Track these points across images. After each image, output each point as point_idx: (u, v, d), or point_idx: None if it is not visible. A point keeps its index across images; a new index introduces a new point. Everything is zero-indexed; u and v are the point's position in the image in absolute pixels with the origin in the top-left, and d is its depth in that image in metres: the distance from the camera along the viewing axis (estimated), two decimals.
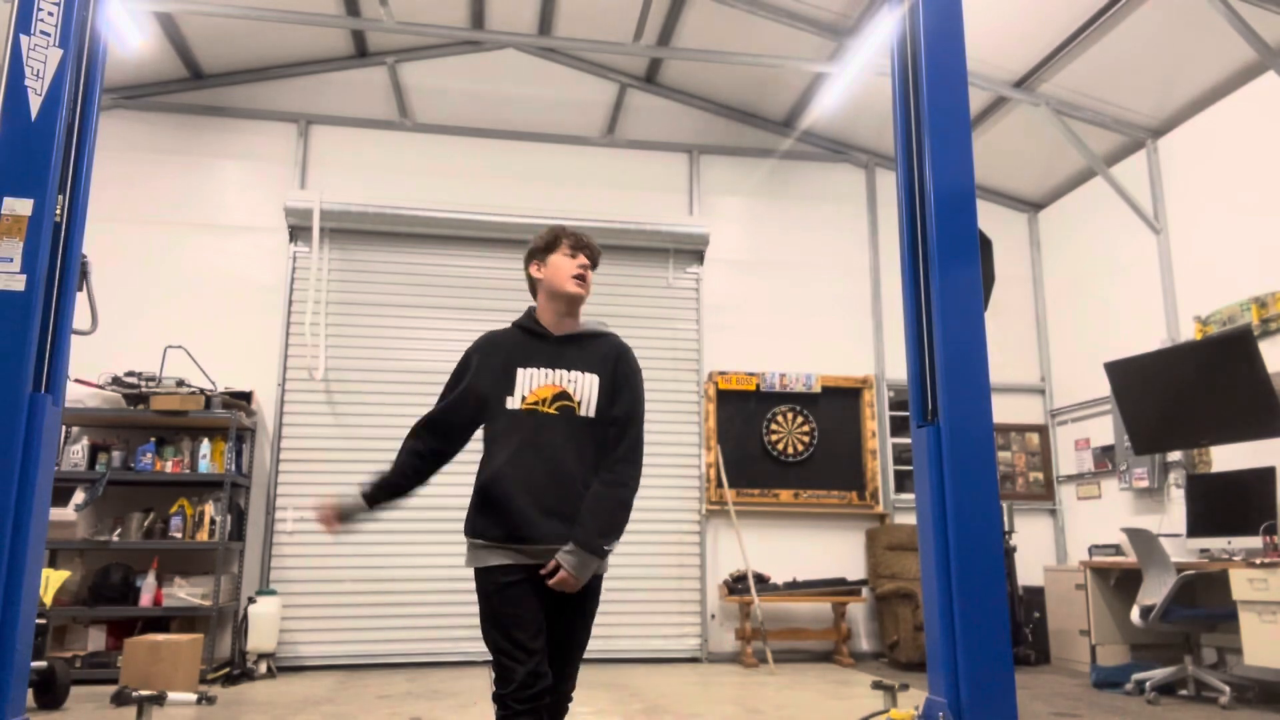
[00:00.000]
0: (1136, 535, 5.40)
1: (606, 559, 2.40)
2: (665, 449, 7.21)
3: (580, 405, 2.41)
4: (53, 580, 5.58)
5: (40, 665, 4.75)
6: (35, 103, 2.62)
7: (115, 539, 5.99)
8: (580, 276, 2.49)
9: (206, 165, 7.16)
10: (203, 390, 6.28)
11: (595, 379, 2.45)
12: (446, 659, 6.58)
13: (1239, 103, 5.97)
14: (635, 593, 6.95)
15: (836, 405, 7.60)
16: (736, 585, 6.84)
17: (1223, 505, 5.54)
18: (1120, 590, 6.00)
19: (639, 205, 7.58)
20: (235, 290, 6.93)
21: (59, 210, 2.66)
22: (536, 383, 2.41)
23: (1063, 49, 6.15)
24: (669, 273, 7.58)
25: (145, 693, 4.17)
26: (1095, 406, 7.23)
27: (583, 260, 2.52)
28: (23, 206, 2.57)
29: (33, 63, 2.64)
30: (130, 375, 6.24)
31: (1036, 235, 8.14)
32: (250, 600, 6.16)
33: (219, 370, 6.50)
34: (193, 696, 4.95)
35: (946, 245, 2.75)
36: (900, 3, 3.04)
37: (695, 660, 6.95)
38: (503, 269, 7.20)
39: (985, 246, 2.92)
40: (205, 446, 6.20)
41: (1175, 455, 6.34)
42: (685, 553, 7.16)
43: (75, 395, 5.98)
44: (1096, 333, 7.24)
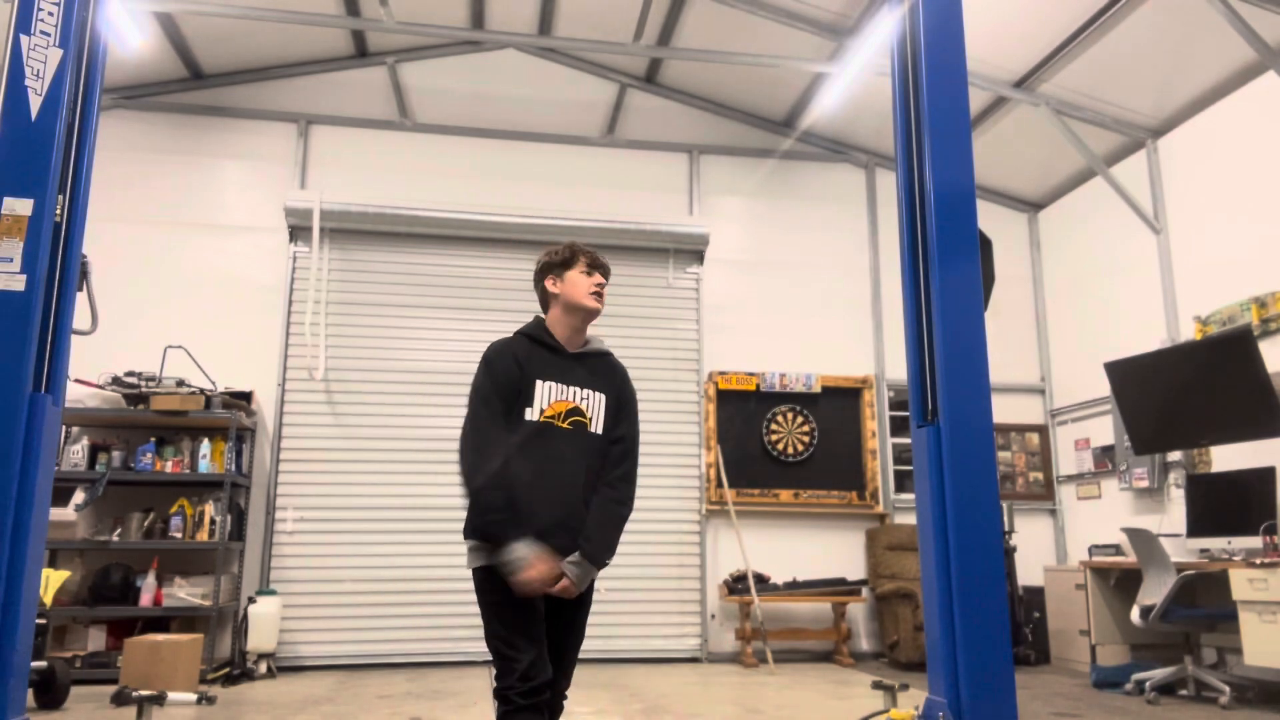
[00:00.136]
0: (1136, 535, 5.40)
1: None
2: (665, 449, 7.21)
3: (591, 422, 2.52)
4: (53, 580, 5.58)
5: (40, 665, 4.75)
6: (35, 103, 2.62)
7: (115, 539, 5.99)
8: (597, 293, 2.59)
9: (206, 165, 7.16)
10: (203, 390, 6.28)
11: (604, 398, 2.57)
12: (446, 659, 6.58)
13: (1239, 103, 5.97)
14: (635, 593, 6.95)
15: (836, 405, 7.60)
16: (736, 585, 6.84)
17: (1223, 505, 5.54)
18: (1120, 590, 6.00)
19: (639, 205, 7.58)
20: (235, 290, 6.93)
21: (59, 210, 2.67)
22: (554, 396, 2.48)
23: (1063, 49, 6.15)
24: (669, 273, 7.58)
25: (145, 693, 4.17)
26: (1095, 406, 7.23)
27: (599, 279, 2.61)
28: (23, 206, 2.57)
29: (33, 63, 2.64)
30: (130, 375, 6.24)
31: (1036, 235, 8.14)
32: (250, 600, 6.16)
33: (219, 370, 6.50)
34: (193, 696, 4.95)
35: (946, 245, 2.75)
36: (900, 3, 3.05)
37: (695, 660, 6.95)
38: (503, 269, 7.20)
39: (985, 246, 2.92)
40: (205, 446, 6.20)
41: (1175, 455, 6.34)
42: (685, 553, 7.16)
43: (75, 395, 5.98)
44: (1096, 333, 7.24)
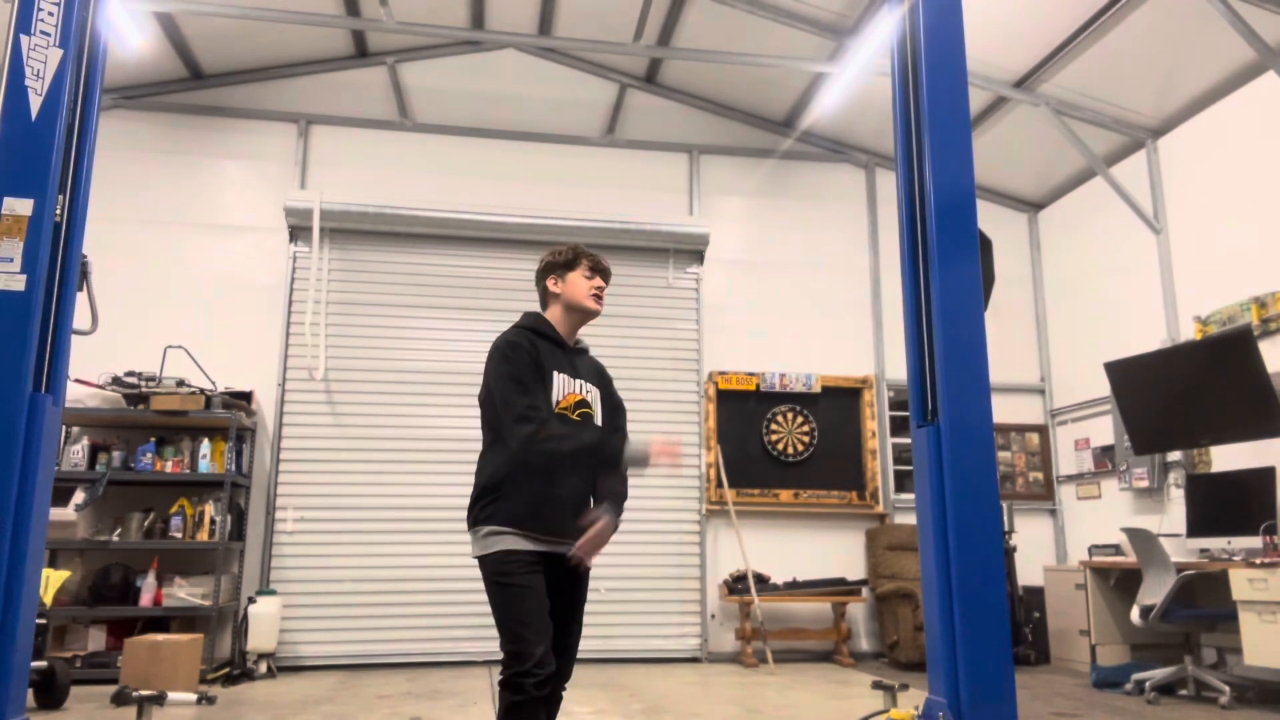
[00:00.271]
0: (1136, 535, 5.40)
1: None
2: None
3: (594, 415, 2.62)
4: (53, 580, 5.58)
5: (40, 665, 4.75)
6: (35, 103, 2.62)
7: (115, 539, 5.99)
8: (597, 295, 2.68)
9: (206, 165, 7.16)
10: (203, 390, 6.28)
11: (599, 392, 2.68)
12: (446, 659, 6.58)
13: (1239, 103, 5.97)
14: (635, 593, 6.96)
15: (836, 405, 7.60)
16: (736, 585, 6.84)
17: (1223, 505, 5.54)
18: (1120, 590, 6.00)
19: (639, 205, 7.58)
20: (235, 290, 6.93)
21: (59, 210, 2.67)
22: (566, 389, 2.57)
23: (1063, 49, 6.15)
24: (669, 273, 7.58)
25: (145, 693, 4.17)
26: (1095, 406, 7.23)
27: (599, 282, 2.69)
28: (23, 206, 2.57)
29: (33, 63, 2.64)
30: (130, 375, 6.24)
31: (1036, 235, 8.14)
32: (250, 600, 6.16)
33: (219, 370, 6.50)
34: (193, 696, 4.95)
35: (946, 245, 2.75)
36: (900, 3, 3.05)
37: (695, 660, 6.95)
38: (503, 269, 7.20)
39: (985, 246, 2.92)
40: (205, 446, 6.20)
41: (1175, 455, 6.33)
42: (685, 553, 7.16)
43: (75, 395, 5.98)
44: (1096, 333, 7.24)
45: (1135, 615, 5.39)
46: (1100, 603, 6.02)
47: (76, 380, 5.90)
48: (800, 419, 7.49)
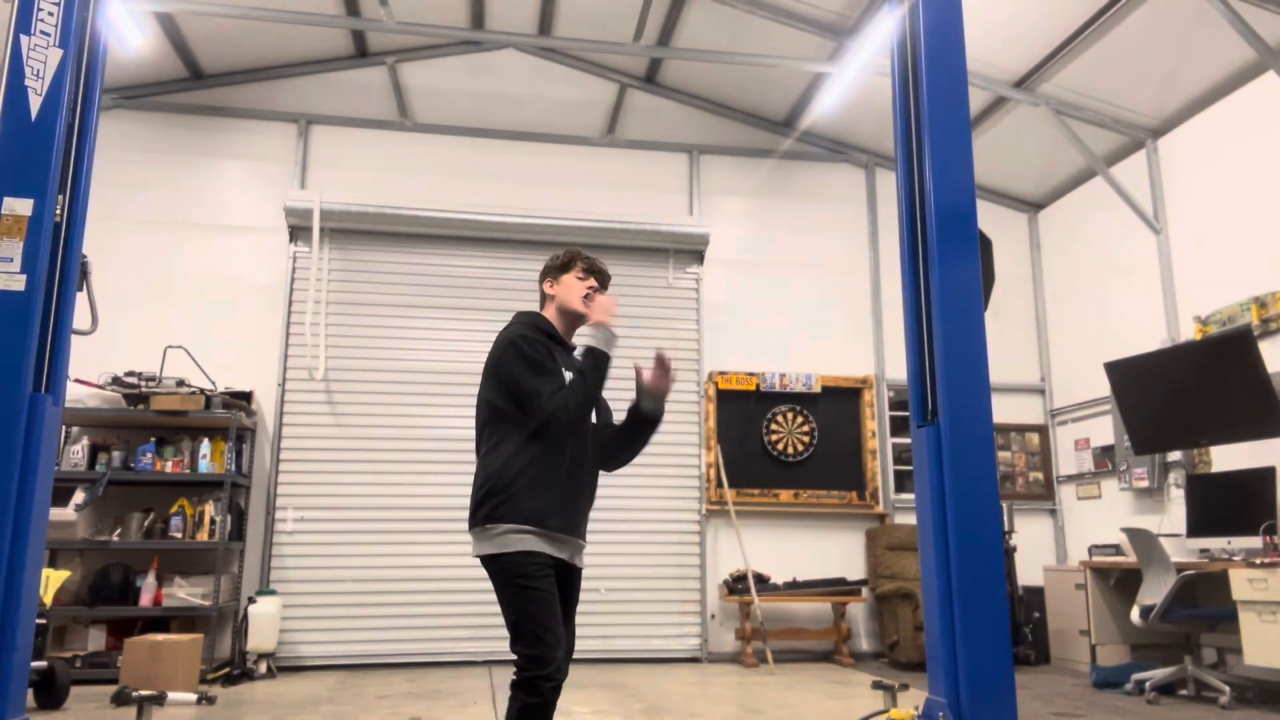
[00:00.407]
0: (1136, 535, 5.40)
1: (582, 556, 2.64)
2: (665, 449, 7.20)
3: (592, 413, 2.65)
4: (53, 580, 5.58)
5: (40, 665, 4.75)
6: (35, 103, 2.62)
7: (115, 539, 5.99)
8: (589, 297, 2.69)
9: (206, 165, 7.16)
10: (203, 390, 6.28)
11: None
12: (446, 659, 6.58)
13: (1239, 103, 5.97)
14: (635, 593, 6.95)
15: (836, 405, 7.59)
16: (736, 585, 6.84)
17: (1223, 505, 5.54)
18: (1120, 590, 6.00)
19: (639, 205, 7.58)
20: (235, 290, 6.93)
21: (59, 210, 2.67)
22: None
23: (1063, 49, 6.15)
24: (669, 273, 7.58)
25: (145, 693, 4.17)
26: (1095, 406, 7.23)
27: (593, 283, 2.70)
28: (23, 206, 2.57)
29: (33, 63, 2.64)
30: (130, 375, 6.24)
31: (1036, 235, 8.14)
32: (250, 600, 6.16)
33: (219, 370, 6.50)
34: (193, 696, 4.95)
35: (946, 245, 2.75)
36: (900, 3, 3.05)
37: (695, 660, 6.95)
38: (503, 269, 7.20)
39: (985, 246, 2.93)
40: (205, 446, 6.20)
41: (1175, 455, 6.33)
42: (685, 553, 7.16)
43: (75, 395, 5.98)
44: (1096, 333, 7.24)
45: (1135, 615, 5.39)
46: (1100, 603, 6.02)
47: (76, 380, 5.90)
48: (800, 419, 7.49)
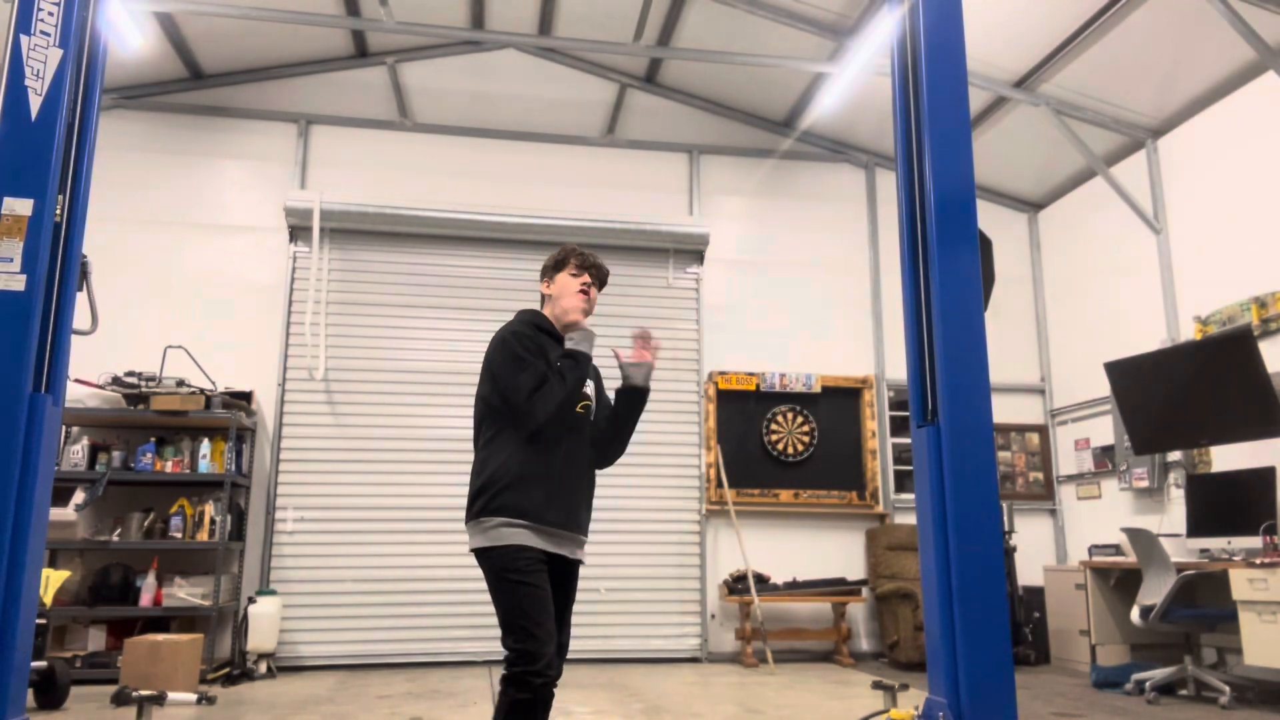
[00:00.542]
0: (1136, 535, 5.40)
1: (583, 550, 2.65)
2: (665, 449, 7.21)
3: (592, 409, 2.69)
4: (53, 580, 5.58)
5: (40, 665, 4.75)
6: (35, 103, 2.62)
7: (115, 539, 5.99)
8: (584, 292, 2.70)
9: (206, 165, 7.16)
10: (203, 390, 6.28)
11: (593, 385, 2.73)
12: (446, 659, 6.58)
13: (1239, 103, 5.97)
14: (635, 593, 6.95)
15: (836, 405, 7.59)
16: (736, 585, 6.84)
17: (1223, 505, 5.54)
18: (1120, 590, 6.00)
19: (639, 205, 7.58)
20: (235, 290, 6.93)
21: (59, 210, 2.66)
22: None
23: (1063, 49, 6.15)
24: (669, 273, 7.58)
25: (145, 693, 4.17)
26: (1095, 406, 7.23)
27: (586, 279, 2.71)
28: (23, 206, 2.57)
29: (33, 63, 2.64)
30: (130, 375, 6.24)
31: (1036, 235, 8.14)
32: (250, 600, 6.16)
33: (219, 370, 6.50)
34: (193, 696, 4.95)
35: (946, 245, 2.75)
36: (900, 3, 3.04)
37: (695, 660, 6.95)
38: (503, 269, 7.20)
39: (985, 246, 2.93)
40: (205, 446, 6.20)
41: (1175, 455, 6.33)
42: (685, 553, 7.16)
43: (75, 395, 5.98)
44: (1096, 333, 7.24)
45: (1135, 615, 5.39)
46: (1100, 603, 6.02)
47: (76, 380, 5.90)
48: (800, 419, 7.49)
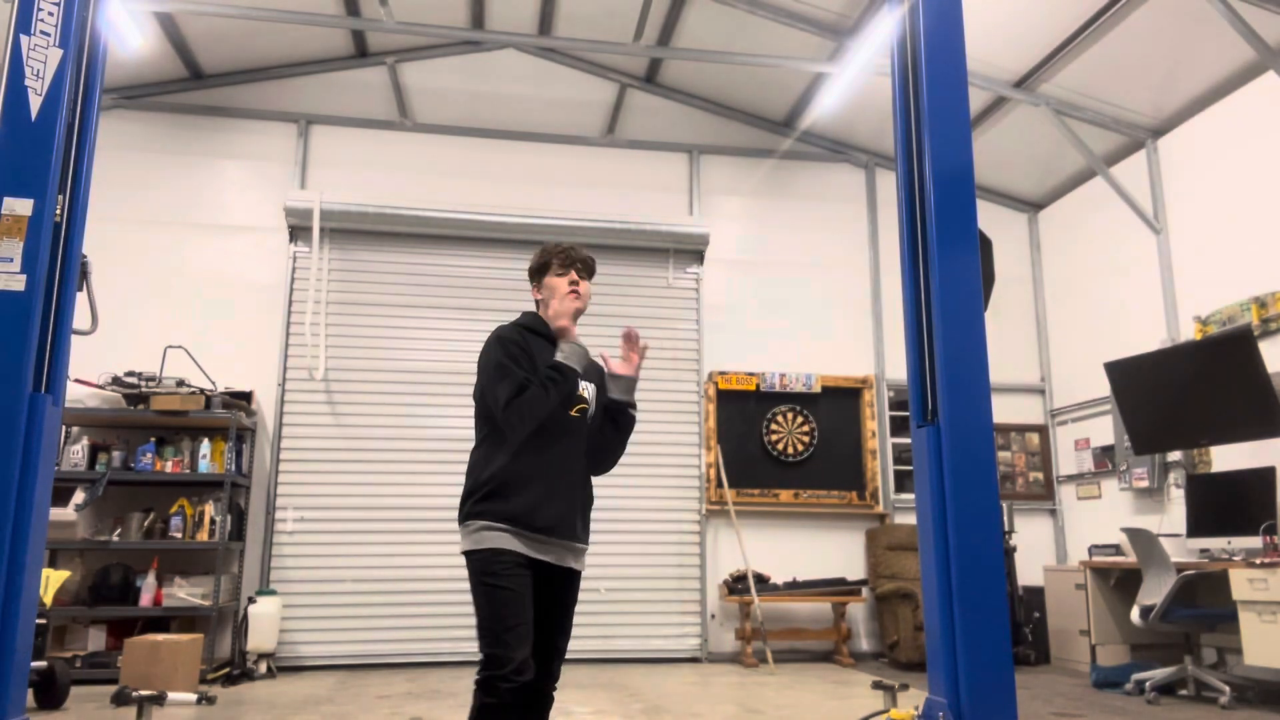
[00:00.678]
0: (1136, 535, 5.39)
1: (584, 556, 2.60)
2: (665, 449, 7.21)
3: (590, 410, 2.65)
4: (53, 580, 5.58)
5: (40, 665, 4.75)
6: (35, 103, 2.62)
7: (115, 539, 5.99)
8: (575, 291, 2.65)
9: (206, 165, 7.16)
10: (203, 390, 6.28)
11: (594, 387, 2.70)
12: (446, 659, 6.58)
13: (1239, 103, 5.97)
14: (635, 593, 6.95)
15: (836, 405, 7.59)
16: (736, 585, 6.84)
17: (1223, 505, 5.54)
18: (1120, 590, 6.00)
19: (639, 205, 7.58)
20: (235, 290, 6.93)
21: (59, 210, 2.66)
22: None
23: (1063, 49, 6.15)
24: (669, 273, 7.58)
25: (145, 693, 4.17)
26: (1095, 406, 7.23)
27: (573, 276, 2.66)
28: (23, 206, 2.57)
29: (33, 63, 2.64)
30: (130, 375, 6.24)
31: (1036, 235, 8.14)
32: (250, 600, 6.16)
33: (219, 370, 6.50)
34: (193, 696, 4.95)
35: (946, 245, 2.75)
36: (900, 3, 3.04)
37: (695, 660, 6.95)
38: (503, 269, 7.19)
39: (985, 246, 2.93)
40: (205, 446, 6.20)
41: (1175, 455, 6.33)
42: (685, 553, 7.16)
43: (75, 395, 5.98)
44: (1096, 333, 7.24)
45: (1135, 615, 5.39)
46: (1100, 603, 6.02)
47: (76, 380, 5.90)
48: (800, 419, 7.49)
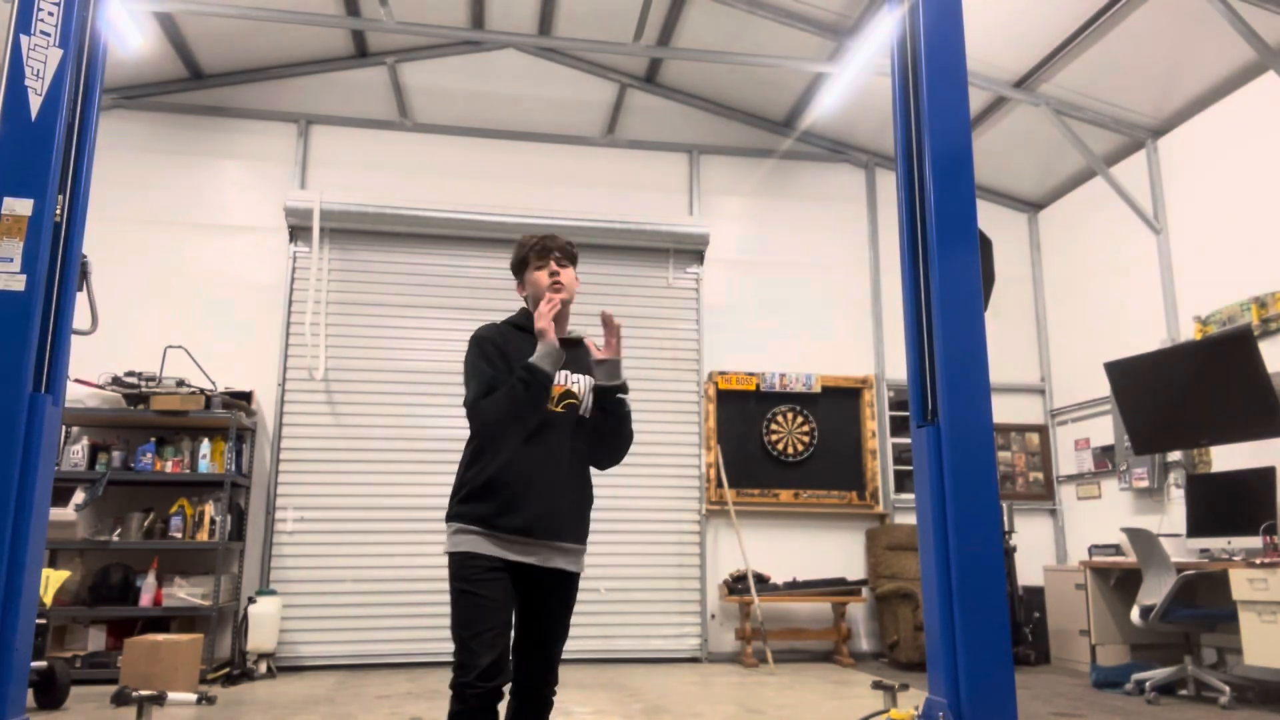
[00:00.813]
0: (1136, 535, 5.40)
1: (582, 558, 2.52)
2: (665, 449, 7.21)
3: (581, 404, 2.53)
4: (53, 580, 5.58)
5: (40, 665, 4.75)
6: (35, 103, 2.62)
7: (115, 539, 5.99)
8: (556, 284, 2.54)
9: (206, 165, 7.16)
10: (203, 390, 6.28)
11: (589, 380, 2.57)
12: (446, 659, 6.53)
13: (1239, 103, 5.97)
14: (635, 593, 6.96)
15: (836, 405, 7.59)
16: (736, 585, 6.84)
17: (1223, 505, 5.54)
18: (1120, 590, 6.00)
19: (639, 205, 7.58)
20: (235, 290, 6.93)
21: (59, 210, 2.66)
22: None
23: (1063, 49, 6.15)
24: (669, 273, 7.58)
25: (145, 693, 4.17)
26: (1095, 406, 7.23)
27: (552, 268, 2.56)
28: (23, 206, 2.57)
29: (33, 63, 2.63)
30: (130, 375, 6.24)
31: (1036, 235, 8.14)
32: (250, 600, 6.16)
33: (219, 370, 6.50)
34: (193, 696, 4.95)
35: (946, 245, 2.74)
36: (900, 3, 3.04)
37: (695, 660, 6.95)
38: (503, 269, 7.11)
39: (985, 246, 2.92)
40: (205, 446, 6.20)
41: (1175, 455, 6.33)
42: (685, 553, 7.16)
43: (75, 395, 5.98)
44: (1096, 333, 7.24)
45: (1135, 615, 5.39)
46: (1100, 603, 6.02)
47: (76, 380, 5.90)
48: (800, 419, 7.49)
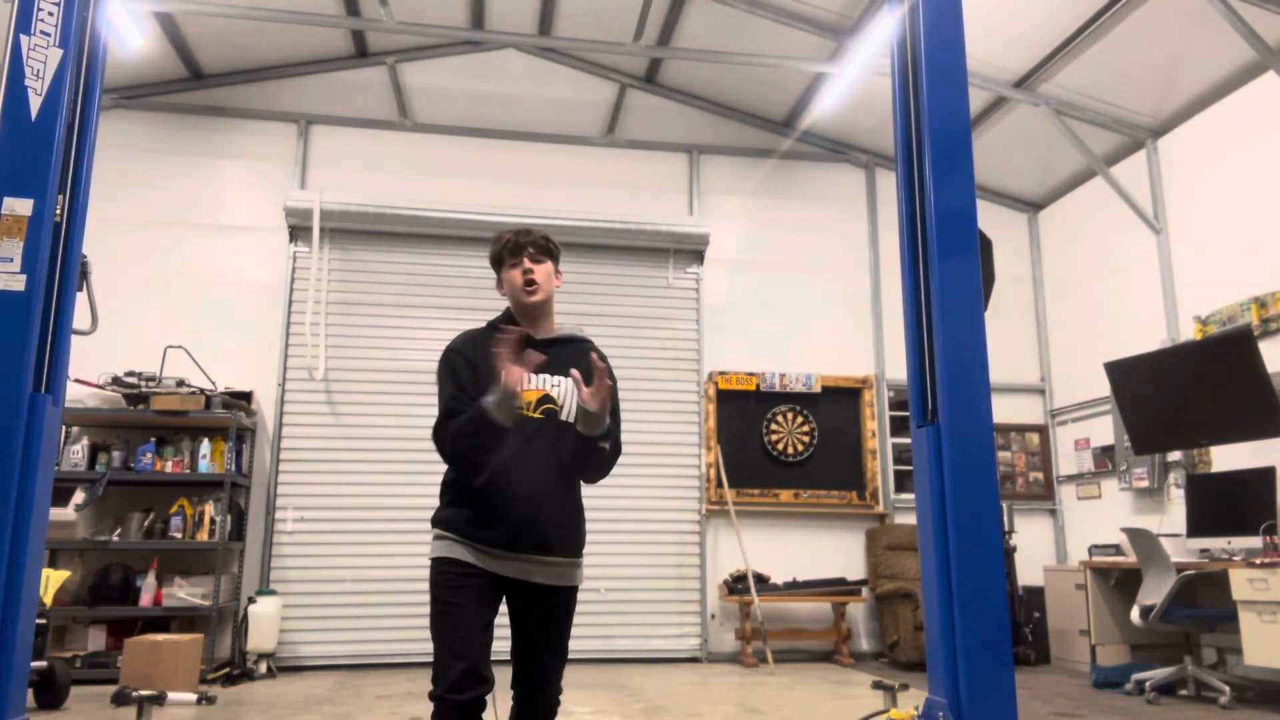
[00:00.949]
0: (1136, 535, 5.40)
1: (574, 572, 2.40)
2: (665, 449, 7.21)
3: (562, 409, 2.37)
4: (53, 580, 5.58)
5: (40, 665, 4.75)
6: (35, 103, 2.62)
7: (115, 539, 5.99)
8: (530, 282, 2.44)
9: (206, 165, 7.16)
10: (203, 390, 6.28)
11: (564, 384, 2.40)
12: None
13: (1239, 103, 5.97)
14: (635, 593, 6.96)
15: (836, 405, 7.59)
16: (736, 585, 6.84)
17: (1223, 505, 5.54)
18: (1120, 590, 6.00)
19: (639, 205, 7.58)
20: (235, 290, 6.93)
21: (59, 210, 2.66)
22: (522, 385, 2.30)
23: (1063, 49, 6.15)
24: (669, 273, 7.58)
25: (145, 693, 4.17)
26: (1095, 406, 7.23)
27: (525, 265, 2.45)
28: (23, 206, 2.57)
29: (33, 63, 2.63)
30: (130, 375, 6.24)
31: (1036, 235, 8.14)
32: (250, 600, 6.16)
33: (219, 370, 6.50)
34: (193, 696, 4.95)
35: (946, 245, 2.74)
36: (900, 3, 3.04)
37: (695, 660, 6.95)
38: None
39: (985, 246, 2.91)
40: (205, 446, 6.20)
41: (1175, 455, 6.33)
42: (685, 553, 7.16)
43: (75, 395, 5.98)
44: (1096, 333, 7.24)
45: (1135, 615, 5.39)
46: (1100, 603, 6.02)
47: (76, 380, 5.90)
48: (800, 419, 7.49)
